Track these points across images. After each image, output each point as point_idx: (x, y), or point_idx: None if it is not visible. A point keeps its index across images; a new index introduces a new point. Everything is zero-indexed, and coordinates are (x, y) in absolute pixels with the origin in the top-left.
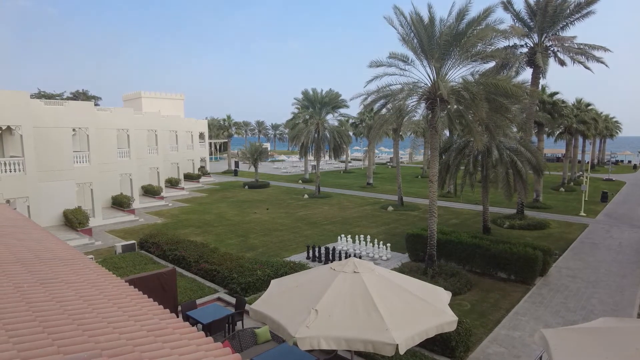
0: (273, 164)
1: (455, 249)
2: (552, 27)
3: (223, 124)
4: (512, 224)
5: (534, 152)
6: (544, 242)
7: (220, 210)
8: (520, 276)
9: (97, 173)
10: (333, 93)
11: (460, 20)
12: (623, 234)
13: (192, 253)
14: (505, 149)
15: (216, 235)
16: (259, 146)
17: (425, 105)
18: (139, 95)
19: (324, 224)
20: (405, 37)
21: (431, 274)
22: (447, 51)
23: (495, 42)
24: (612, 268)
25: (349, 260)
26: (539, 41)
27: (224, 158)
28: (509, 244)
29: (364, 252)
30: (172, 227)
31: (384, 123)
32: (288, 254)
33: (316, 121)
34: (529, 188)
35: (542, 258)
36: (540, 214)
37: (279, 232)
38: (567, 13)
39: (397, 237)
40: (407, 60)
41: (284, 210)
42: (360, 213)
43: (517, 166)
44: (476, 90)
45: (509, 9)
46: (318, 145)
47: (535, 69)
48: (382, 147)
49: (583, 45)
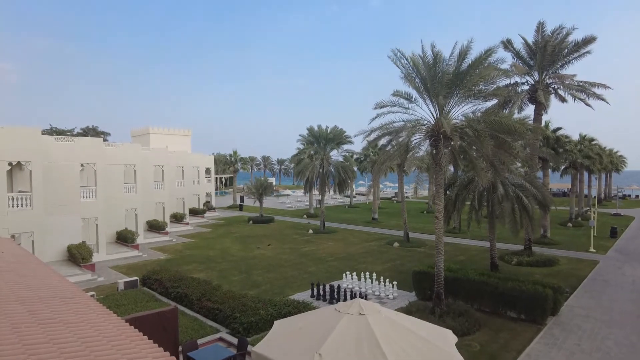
0: (278, 198)
1: (462, 287)
2: (552, 65)
3: (229, 159)
4: (520, 261)
5: (539, 188)
6: (554, 279)
7: (224, 246)
8: (531, 315)
9: (103, 208)
10: (337, 129)
11: (462, 60)
12: (636, 271)
13: (194, 291)
14: (510, 184)
15: (219, 272)
16: (264, 181)
17: (429, 142)
18: (147, 131)
19: (329, 260)
20: (408, 76)
21: (439, 314)
22: (450, 90)
23: (497, 81)
24: (627, 307)
25: (355, 301)
26: (539, 79)
27: (230, 193)
28: (518, 282)
29: (369, 291)
30: (176, 263)
31: (386, 159)
32: (292, 292)
33: (321, 157)
34: (536, 224)
35: (553, 296)
36: (548, 250)
37: (283, 268)
38: (566, 52)
39: (404, 275)
40: (410, 98)
41: (288, 245)
42: (365, 249)
43: (523, 202)
44: (480, 127)
45: (510, 48)
46: (323, 180)
47: (537, 105)
48: (387, 182)
49: (583, 83)
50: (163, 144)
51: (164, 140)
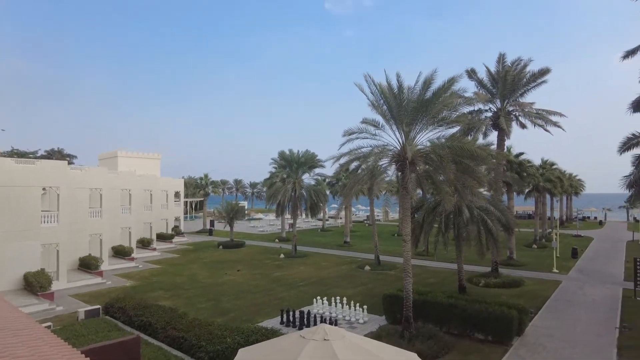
0: (250, 222)
1: (432, 310)
2: (513, 93)
3: (200, 183)
4: (487, 283)
5: (503, 211)
6: (520, 300)
7: (192, 272)
8: (497, 337)
9: (66, 233)
10: (309, 154)
11: (427, 88)
12: (596, 291)
13: (159, 319)
14: (475, 208)
15: (187, 299)
16: (235, 205)
17: (396, 166)
18: (115, 155)
19: (300, 285)
20: (375, 103)
21: (408, 337)
22: (415, 117)
23: (460, 108)
24: (588, 326)
25: (320, 327)
26: (501, 106)
27: (200, 217)
28: (485, 304)
29: (340, 316)
30: (141, 290)
31: (355, 183)
32: (261, 319)
33: (293, 180)
34: (501, 246)
35: (518, 317)
36: (514, 272)
37: (253, 294)
38: (525, 82)
39: (375, 298)
40: (377, 125)
41: (259, 271)
42: (337, 273)
43: (488, 225)
44: (443, 153)
45: (473, 77)
46: (295, 203)
47: (500, 131)
48: (359, 205)
49: (541, 111)
50: (132, 168)
51: (133, 163)
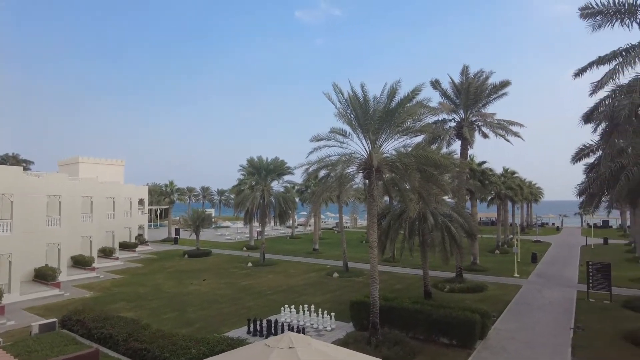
0: (217, 230)
1: (398, 316)
2: (475, 104)
3: (165, 190)
4: (452, 288)
5: (466, 218)
6: (483, 304)
7: (157, 282)
8: (462, 341)
9: (20, 243)
10: (278, 161)
11: (392, 98)
12: (553, 294)
13: (120, 331)
14: (439, 215)
15: (150, 310)
16: (201, 212)
17: (363, 174)
18: (76, 161)
19: (268, 294)
20: (342, 112)
21: (375, 344)
22: (381, 126)
23: (425, 118)
24: (546, 328)
25: (285, 335)
26: (464, 116)
27: (165, 225)
28: (450, 309)
29: (308, 324)
30: (102, 301)
31: (323, 191)
32: (228, 329)
33: (262, 187)
34: (465, 252)
35: (481, 321)
36: (478, 277)
37: (220, 304)
38: (486, 93)
39: (343, 305)
40: (345, 134)
41: (226, 280)
42: (306, 281)
43: (452, 231)
44: (408, 161)
45: (438, 87)
46: (263, 211)
47: (463, 141)
48: (328, 212)
49: (502, 121)
50: (93, 174)
51: (95, 170)
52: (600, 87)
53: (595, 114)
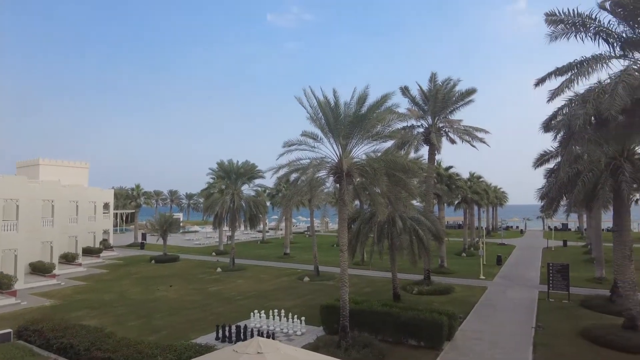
0: (185, 235)
1: (367, 319)
2: (443, 111)
3: (131, 194)
4: (420, 290)
5: (433, 221)
6: (450, 306)
7: (122, 289)
8: (429, 342)
9: None
10: (249, 164)
11: (362, 104)
12: (517, 295)
13: (82, 340)
14: (408, 218)
15: (115, 317)
16: (169, 217)
17: (334, 178)
18: (36, 162)
19: (237, 300)
20: (313, 116)
21: (345, 347)
22: (351, 131)
23: (394, 124)
24: (509, 328)
25: (254, 340)
26: (432, 122)
27: (131, 230)
28: (417, 311)
29: (278, 328)
30: (63, 309)
31: (294, 195)
32: (196, 335)
33: (232, 191)
34: (433, 254)
35: (448, 322)
36: (445, 279)
37: (188, 310)
38: (453, 100)
39: (313, 310)
40: (316, 138)
41: (194, 285)
42: (276, 285)
43: (419, 234)
44: (377, 166)
45: (407, 94)
46: (233, 215)
47: (431, 146)
48: (300, 216)
49: (468, 127)
50: (55, 177)
51: (57, 172)
52: (557, 95)
53: (554, 122)
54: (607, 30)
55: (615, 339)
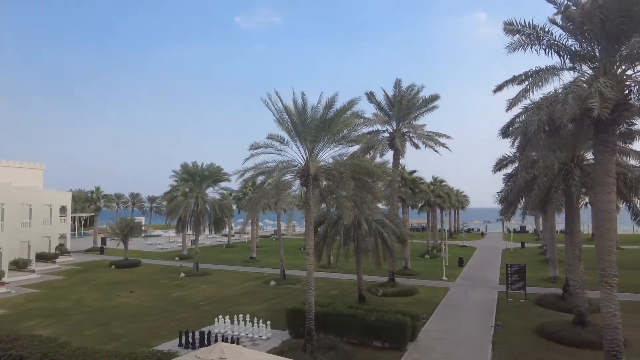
0: (147, 239)
1: (333, 321)
2: (407, 116)
3: (90, 197)
4: (385, 292)
5: (397, 224)
6: (414, 307)
7: (79, 296)
8: (394, 343)
9: None
10: (214, 167)
11: (329, 108)
12: (477, 295)
13: (34, 351)
14: (373, 221)
15: (70, 326)
16: (130, 220)
17: (300, 182)
18: None
19: (201, 305)
20: (280, 120)
21: (310, 350)
22: (318, 134)
23: (360, 128)
24: (470, 327)
25: (217, 346)
26: (397, 128)
27: (90, 234)
28: (382, 312)
29: (243, 333)
30: (13, 319)
31: (260, 198)
32: (158, 342)
33: (196, 194)
34: (397, 256)
35: (412, 323)
36: (410, 281)
37: (149, 317)
38: (417, 106)
39: (279, 313)
40: (283, 141)
41: (156, 291)
42: (242, 290)
43: (384, 237)
44: (344, 169)
45: (373, 100)
46: (197, 218)
47: (396, 151)
48: (267, 219)
49: (431, 133)
50: (6, 179)
51: (8, 174)
52: (515, 104)
53: (511, 128)
54: (558, 44)
55: (566, 334)
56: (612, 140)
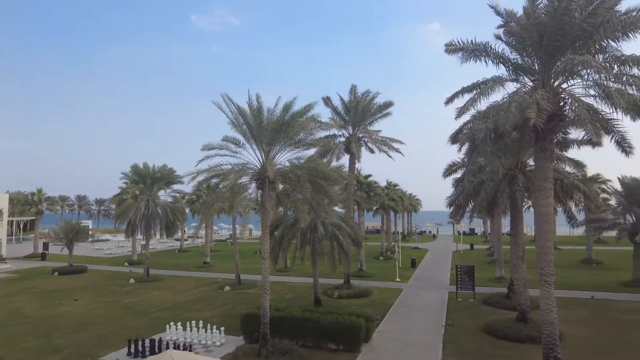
0: (94, 244)
1: (288, 325)
2: (363, 122)
3: (31, 199)
4: (340, 294)
5: (353, 227)
6: (368, 308)
7: (16, 306)
8: (348, 345)
9: None
10: (166, 169)
11: (286, 111)
12: (430, 295)
13: None
14: (329, 224)
15: (6, 339)
16: (75, 224)
17: (256, 185)
18: None
19: (152, 312)
20: (235, 122)
21: (265, 355)
22: (275, 137)
23: (316, 132)
24: (422, 327)
25: (167, 353)
26: (353, 132)
27: (30, 239)
28: (337, 314)
29: (195, 340)
30: None
31: (215, 201)
32: (105, 352)
33: (147, 197)
34: (352, 259)
35: (366, 325)
36: (364, 282)
37: (96, 325)
38: (372, 112)
39: (234, 319)
40: (238, 143)
41: (104, 298)
42: (195, 296)
43: (340, 240)
44: (300, 173)
45: (329, 104)
46: (148, 222)
47: (352, 155)
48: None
49: (385, 138)
50: None
51: None
52: (463, 112)
53: (460, 135)
54: (503, 56)
55: (510, 331)
56: (550, 148)
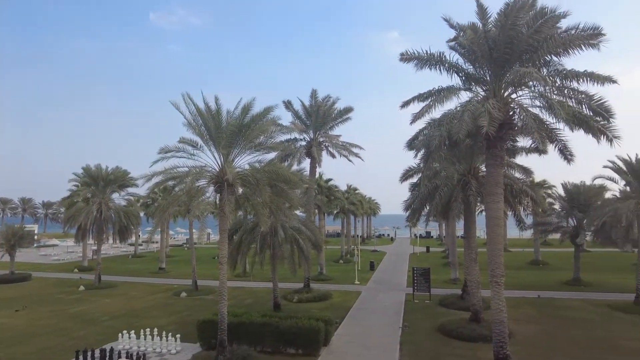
0: (40, 250)
1: (247, 331)
2: (324, 126)
3: None
4: (300, 298)
5: (313, 231)
6: (328, 312)
7: None
8: (307, 349)
9: None
10: (120, 170)
11: (246, 114)
12: (388, 297)
13: None
14: (289, 228)
15: None
16: (18, 228)
17: (214, 188)
18: None
19: (104, 320)
20: (192, 123)
21: None
22: (234, 140)
23: (277, 136)
24: (381, 329)
25: None
26: (314, 137)
27: None
28: (296, 319)
29: (150, 349)
30: None
31: (170, 205)
32: None
33: (99, 200)
34: (312, 262)
35: (325, 328)
36: (324, 286)
37: (40, 337)
38: (333, 117)
39: (190, 326)
40: (196, 145)
41: (50, 307)
42: (149, 303)
43: (300, 243)
44: (260, 176)
45: (290, 108)
46: (100, 227)
47: (312, 159)
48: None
49: (345, 143)
50: None
51: None
52: (418, 118)
53: (416, 141)
54: (456, 66)
55: (464, 331)
56: (501, 155)
